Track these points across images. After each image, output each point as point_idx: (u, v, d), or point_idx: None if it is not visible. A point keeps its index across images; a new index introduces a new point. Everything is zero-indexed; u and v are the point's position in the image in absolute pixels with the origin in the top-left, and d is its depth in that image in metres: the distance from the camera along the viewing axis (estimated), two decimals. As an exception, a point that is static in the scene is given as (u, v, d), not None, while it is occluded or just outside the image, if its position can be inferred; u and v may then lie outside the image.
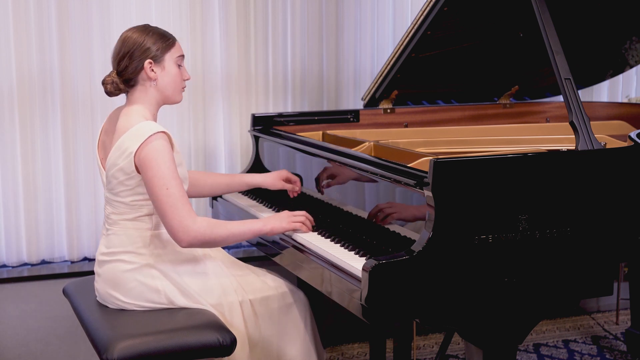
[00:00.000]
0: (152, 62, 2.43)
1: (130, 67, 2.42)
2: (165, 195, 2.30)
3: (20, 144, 3.38)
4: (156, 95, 2.47)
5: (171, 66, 2.47)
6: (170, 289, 2.42)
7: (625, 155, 2.37)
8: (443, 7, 2.99)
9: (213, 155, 3.68)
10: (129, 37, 2.44)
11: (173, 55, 2.47)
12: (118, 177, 2.38)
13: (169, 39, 2.47)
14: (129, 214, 2.42)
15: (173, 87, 2.49)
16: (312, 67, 3.78)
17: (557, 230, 2.19)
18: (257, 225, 2.49)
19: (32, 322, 3.36)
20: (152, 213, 2.42)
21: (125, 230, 2.43)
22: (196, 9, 3.56)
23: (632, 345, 3.55)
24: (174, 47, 2.48)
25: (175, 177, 2.32)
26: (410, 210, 2.27)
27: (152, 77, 2.44)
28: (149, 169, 2.31)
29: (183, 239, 2.32)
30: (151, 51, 2.43)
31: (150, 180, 2.31)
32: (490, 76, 3.57)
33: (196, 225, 2.32)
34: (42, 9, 3.34)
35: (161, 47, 2.44)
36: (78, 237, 3.50)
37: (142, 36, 2.43)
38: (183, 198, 2.32)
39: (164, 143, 2.33)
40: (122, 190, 2.40)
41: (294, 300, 2.58)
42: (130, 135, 2.35)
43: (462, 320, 2.13)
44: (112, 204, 2.44)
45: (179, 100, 2.54)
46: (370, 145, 2.94)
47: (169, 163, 2.32)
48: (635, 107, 3.62)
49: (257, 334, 2.50)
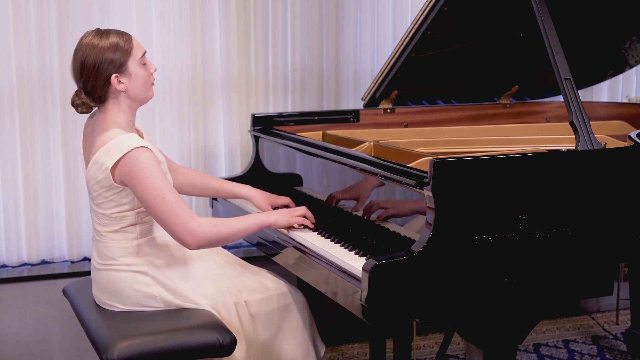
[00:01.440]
0: (118, 74, 2.35)
1: (98, 86, 2.34)
2: (162, 204, 2.28)
3: (20, 144, 3.38)
4: (129, 102, 2.40)
5: (137, 70, 2.37)
6: (165, 294, 2.42)
7: (625, 155, 2.37)
8: (443, 7, 2.99)
9: (213, 155, 3.68)
10: (86, 55, 2.32)
11: (135, 58, 2.37)
12: (97, 189, 2.35)
13: (125, 42, 2.36)
14: (113, 226, 2.39)
15: (144, 89, 2.41)
16: (312, 67, 3.78)
17: (557, 230, 2.19)
18: (260, 217, 2.50)
19: (32, 322, 3.36)
20: (136, 223, 2.40)
21: (112, 242, 2.41)
22: (196, 9, 3.56)
23: (632, 345, 3.55)
24: (133, 49, 2.37)
25: (167, 184, 2.30)
26: (405, 205, 2.27)
27: (122, 89, 2.36)
28: (137, 183, 2.28)
29: (192, 242, 2.31)
30: (114, 64, 2.33)
31: (141, 193, 2.28)
32: (490, 76, 3.57)
33: (201, 226, 2.31)
34: (42, 9, 3.34)
35: (121, 55, 2.33)
36: (78, 237, 3.50)
37: (100, 51, 2.32)
38: (181, 203, 2.30)
39: (146, 155, 2.29)
40: (103, 201, 2.37)
41: (293, 301, 2.57)
42: (107, 150, 2.31)
43: (462, 320, 2.13)
44: (97, 214, 2.42)
45: (151, 97, 2.46)
46: (370, 145, 2.94)
47: (156, 173, 2.28)
48: (635, 107, 3.61)
49: (254, 335, 2.49)
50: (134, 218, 2.39)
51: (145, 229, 2.42)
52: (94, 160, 2.33)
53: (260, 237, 2.78)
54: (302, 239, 2.52)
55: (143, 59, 2.41)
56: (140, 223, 2.40)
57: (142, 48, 2.42)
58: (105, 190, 2.34)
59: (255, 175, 3.26)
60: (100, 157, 2.32)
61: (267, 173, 3.23)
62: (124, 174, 2.29)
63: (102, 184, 2.33)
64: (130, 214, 2.38)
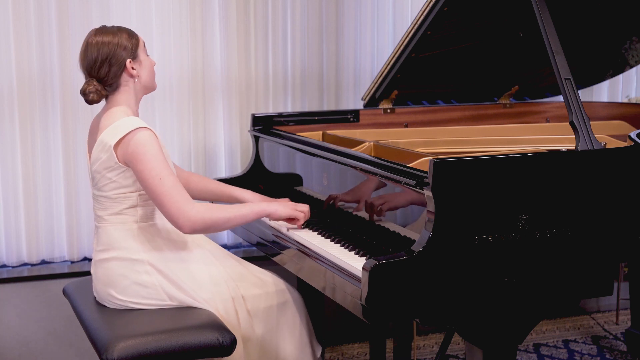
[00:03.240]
0: (131, 59, 2.45)
1: (112, 72, 2.44)
2: (159, 185, 2.32)
3: (20, 144, 3.38)
4: (138, 90, 2.50)
5: (144, 57, 2.51)
6: (164, 283, 2.42)
7: (625, 155, 2.37)
8: (443, 7, 2.99)
9: (213, 155, 3.68)
10: (102, 42, 2.44)
11: (142, 47, 2.51)
12: (100, 170, 2.40)
13: (134, 33, 2.50)
14: (113, 208, 2.43)
15: (151, 77, 2.53)
16: (312, 67, 3.78)
17: (557, 230, 2.19)
18: (260, 205, 2.53)
19: (32, 322, 3.36)
20: (136, 205, 2.43)
21: (111, 225, 2.44)
22: (196, 9, 3.56)
23: (632, 345, 3.55)
24: (139, 39, 2.51)
25: (166, 166, 2.35)
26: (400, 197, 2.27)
27: (134, 74, 2.47)
28: (138, 162, 2.33)
29: (185, 225, 2.34)
30: (127, 50, 2.45)
31: (141, 173, 2.33)
32: (490, 76, 3.57)
33: (195, 209, 2.34)
34: (42, 9, 3.34)
35: (133, 42, 2.47)
36: (78, 237, 3.50)
37: (114, 38, 2.44)
38: (177, 185, 2.35)
39: (149, 135, 2.35)
40: (105, 183, 2.41)
41: (290, 298, 2.58)
42: (111, 130, 2.38)
43: (462, 320, 2.13)
44: (98, 199, 2.46)
45: (156, 87, 2.58)
46: (370, 145, 2.94)
47: (157, 154, 2.34)
48: (635, 107, 3.62)
49: (251, 332, 2.49)
50: (135, 199, 2.42)
51: (146, 214, 2.45)
52: (98, 142, 2.39)
53: (260, 237, 2.78)
54: (302, 239, 2.52)
55: (146, 50, 2.55)
56: (141, 206, 2.43)
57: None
58: (108, 170, 2.38)
59: (255, 175, 3.26)
60: (104, 137, 2.38)
61: (267, 173, 3.23)
62: (128, 153, 2.34)
63: (106, 165, 2.38)
64: (132, 196, 2.42)
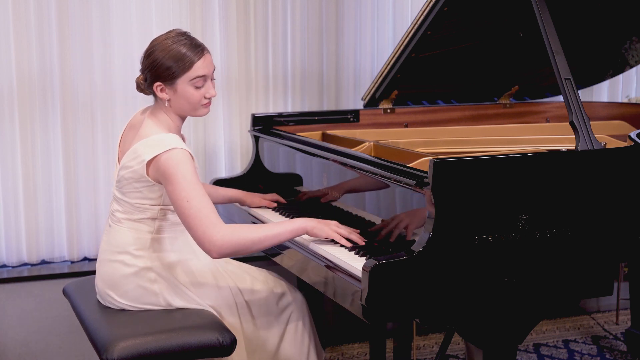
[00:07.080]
0: (162, 84, 2.37)
1: (147, 80, 2.41)
2: (187, 208, 2.26)
3: (20, 144, 3.38)
4: (171, 111, 2.43)
5: (185, 89, 2.37)
6: (168, 291, 2.42)
7: (625, 155, 2.37)
8: (443, 7, 2.99)
9: (213, 155, 3.67)
10: (154, 49, 2.37)
11: (188, 78, 2.36)
12: (127, 177, 2.38)
13: (186, 61, 2.34)
14: (134, 215, 2.42)
15: (189, 107, 2.42)
16: (312, 67, 3.78)
17: (557, 230, 2.19)
18: (296, 222, 2.38)
19: (32, 322, 3.36)
20: (156, 217, 2.42)
21: (128, 230, 2.43)
22: (196, 9, 3.56)
23: (632, 345, 3.55)
24: (191, 69, 2.35)
25: (195, 187, 2.27)
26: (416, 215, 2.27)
27: (163, 97, 2.39)
28: (168, 182, 2.29)
29: (212, 250, 2.26)
30: (161, 75, 2.35)
31: (171, 193, 2.29)
32: (490, 76, 3.57)
33: (220, 234, 2.25)
34: (42, 9, 3.34)
35: (176, 70, 2.34)
36: (78, 237, 3.49)
37: (163, 53, 2.34)
38: (206, 209, 2.26)
39: (184, 157, 2.29)
40: (130, 191, 2.40)
41: (292, 301, 2.58)
42: (148, 143, 2.34)
43: (462, 320, 2.13)
44: (119, 202, 2.44)
45: (202, 115, 2.46)
46: (370, 145, 2.94)
47: (187, 175, 2.27)
48: (635, 107, 3.62)
49: (254, 335, 2.49)
50: (156, 212, 2.41)
51: (162, 227, 2.44)
52: (132, 150, 2.37)
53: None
54: (301, 238, 2.52)
55: (198, 82, 2.37)
56: (160, 219, 2.42)
57: (204, 71, 2.38)
58: (135, 180, 2.37)
59: (255, 175, 3.26)
60: (138, 148, 2.35)
61: (267, 173, 3.23)
62: (160, 171, 2.31)
63: (135, 175, 2.36)
64: (154, 209, 2.41)
